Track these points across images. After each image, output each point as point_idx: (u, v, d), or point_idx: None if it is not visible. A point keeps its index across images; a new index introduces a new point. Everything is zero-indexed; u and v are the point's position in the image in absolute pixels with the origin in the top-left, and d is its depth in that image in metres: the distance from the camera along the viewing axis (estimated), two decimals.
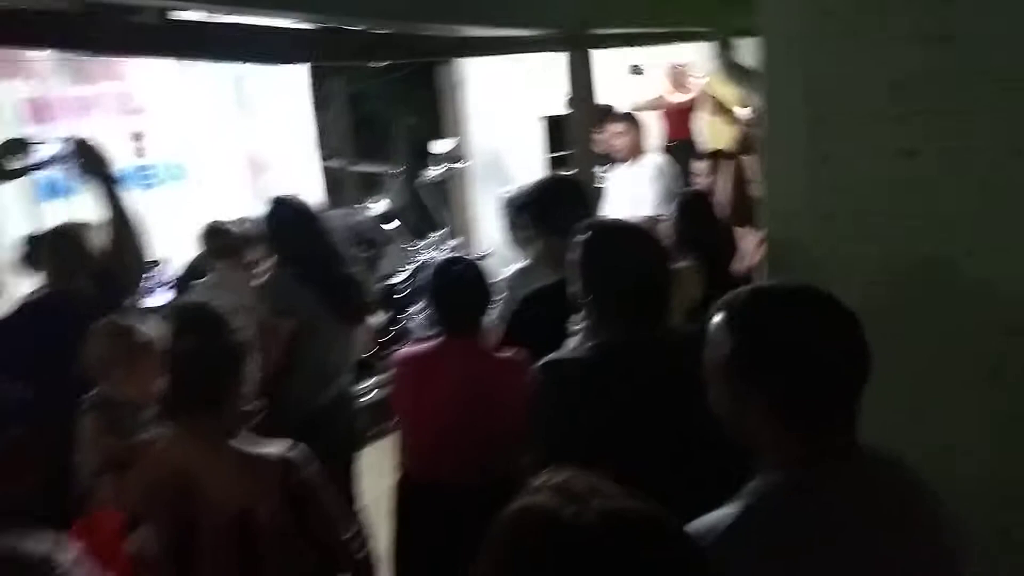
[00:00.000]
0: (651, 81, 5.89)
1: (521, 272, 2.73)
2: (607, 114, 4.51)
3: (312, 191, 5.37)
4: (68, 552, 1.01)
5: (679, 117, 5.80)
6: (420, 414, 2.14)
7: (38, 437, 1.80)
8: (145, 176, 4.34)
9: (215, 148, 4.68)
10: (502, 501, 1.67)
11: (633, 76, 5.84)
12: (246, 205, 4.37)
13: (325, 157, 7.00)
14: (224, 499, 1.54)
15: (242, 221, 3.38)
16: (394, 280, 4.60)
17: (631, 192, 4.34)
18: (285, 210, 2.63)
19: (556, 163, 6.17)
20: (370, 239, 4.64)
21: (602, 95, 4.91)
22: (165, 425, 1.70)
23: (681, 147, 5.46)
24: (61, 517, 1.57)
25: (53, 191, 3.95)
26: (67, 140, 2.20)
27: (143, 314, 2.31)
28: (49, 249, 2.27)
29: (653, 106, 5.83)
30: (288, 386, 2.38)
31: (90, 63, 4.03)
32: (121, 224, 2.12)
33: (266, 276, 2.63)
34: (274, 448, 1.65)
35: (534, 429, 1.75)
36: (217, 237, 2.80)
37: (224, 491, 1.55)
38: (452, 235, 5.02)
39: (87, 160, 2.13)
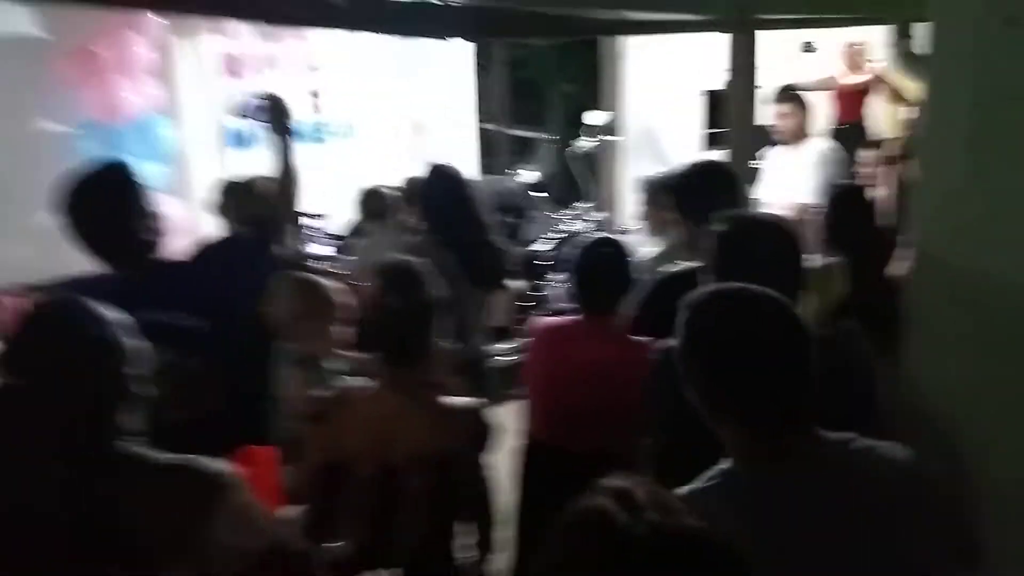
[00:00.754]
0: (824, 60, 5.59)
1: (659, 257, 2.74)
2: (779, 94, 4.35)
3: (467, 154, 5.58)
4: (235, 473, 1.19)
5: (851, 99, 5.47)
6: (549, 386, 2.23)
7: (212, 368, 1.98)
8: (318, 131, 4.67)
9: (381, 109, 4.94)
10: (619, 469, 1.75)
11: (804, 54, 5.57)
12: (406, 165, 4.62)
13: (482, 120, 7.21)
14: (424, 448, 1.66)
15: (399, 184, 3.58)
16: (537, 247, 4.70)
17: (790, 177, 4.19)
18: (437, 177, 2.76)
19: (715, 140, 6.01)
20: (517, 206, 4.76)
21: (769, 74, 4.75)
22: (363, 376, 1.84)
23: (851, 131, 5.17)
24: (225, 444, 1.70)
25: (238, 140, 4.36)
26: (263, 96, 2.40)
27: (303, 261, 2.53)
28: (233, 199, 2.52)
29: (824, 86, 5.53)
30: None
31: None
32: (289, 179, 2.27)
33: (412, 239, 2.79)
34: (465, 399, 1.78)
35: (649, 411, 1.81)
36: (372, 200, 2.99)
37: (425, 440, 1.67)
38: (598, 208, 5.04)
39: (275, 115, 2.32)
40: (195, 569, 1.09)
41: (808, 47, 5.56)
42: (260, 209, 2.35)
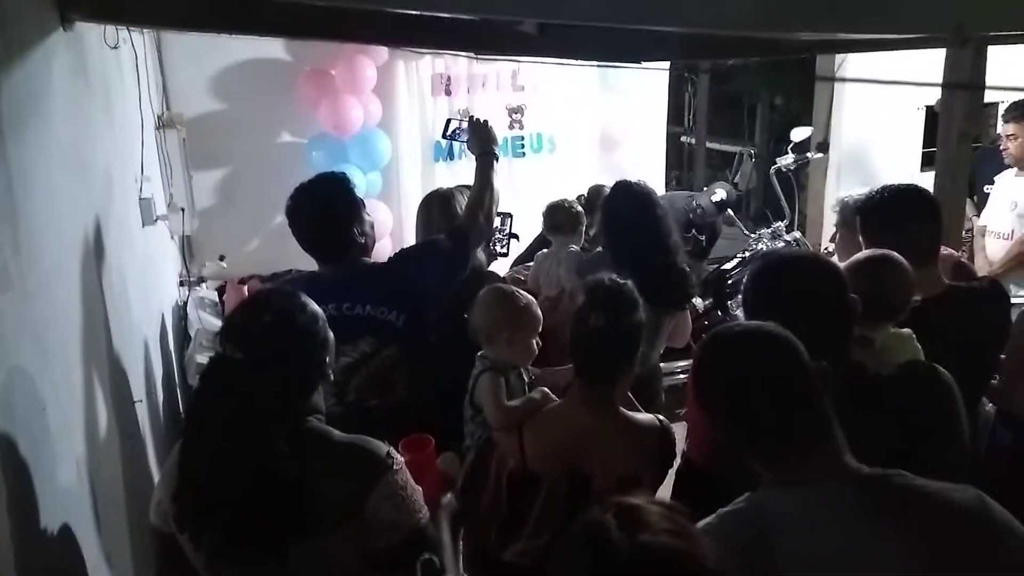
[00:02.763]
0: None
1: None
2: (1009, 112, 3.95)
3: (655, 167, 5.58)
4: (396, 457, 1.35)
5: None
6: None
7: (404, 360, 2.19)
8: (520, 146, 4.92)
9: (580, 124, 5.09)
10: None
11: None
12: (599, 177, 4.73)
13: (682, 132, 7.14)
14: (615, 462, 1.74)
15: (587, 196, 3.68)
16: (726, 265, 4.60)
17: (1015, 202, 3.79)
18: (623, 193, 2.79)
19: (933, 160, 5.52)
20: (706, 224, 4.68)
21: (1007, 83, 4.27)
22: (553, 385, 1.96)
23: None
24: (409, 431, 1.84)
25: (446, 154, 4.70)
26: (470, 119, 2.61)
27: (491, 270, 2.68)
28: (424, 209, 2.74)
29: None
30: None
31: None
32: (485, 193, 2.42)
33: (592, 255, 2.86)
34: (652, 417, 1.84)
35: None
36: (555, 213, 3.09)
37: (615, 454, 1.75)
38: (793, 227, 4.83)
39: (478, 138, 2.51)
40: (355, 536, 1.26)
41: None
42: (454, 221, 2.54)
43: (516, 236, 3.18)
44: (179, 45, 3.99)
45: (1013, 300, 3.74)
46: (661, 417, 1.87)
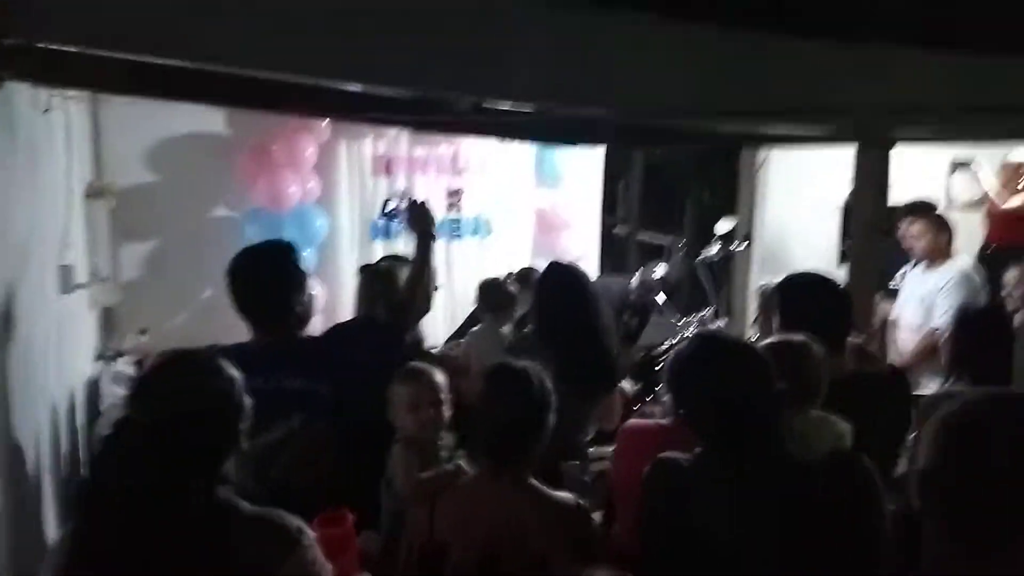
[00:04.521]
0: (979, 177, 5.34)
1: None
2: (913, 210, 4.22)
3: (592, 254, 5.72)
4: (308, 531, 1.30)
5: (1006, 222, 5.17)
6: (627, 487, 2.22)
7: (333, 436, 2.14)
8: (456, 228, 4.98)
9: (517, 207, 5.21)
10: None
11: (956, 172, 5.36)
12: (534, 261, 4.81)
13: (613, 223, 7.38)
14: (525, 539, 1.72)
15: (517, 276, 3.73)
16: (656, 351, 4.68)
17: (922, 296, 4.01)
18: (555, 274, 2.85)
19: (849, 255, 5.82)
20: (639, 305, 4.77)
21: (916, 187, 4.58)
22: (470, 462, 1.94)
23: (1002, 255, 4.86)
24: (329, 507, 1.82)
25: (383, 233, 4.72)
26: (409, 200, 2.62)
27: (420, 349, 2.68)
28: (367, 282, 2.74)
29: (978, 206, 5.27)
30: None
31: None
32: (422, 272, 2.45)
33: (520, 334, 2.89)
34: (568, 495, 1.82)
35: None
36: (488, 292, 3.13)
37: (524, 531, 1.72)
38: (719, 315, 4.98)
39: (416, 219, 2.53)
40: None
41: (958, 167, 5.35)
42: (396, 296, 2.55)
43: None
44: (115, 114, 3.95)
45: (923, 392, 3.91)
46: (580, 500, 1.86)
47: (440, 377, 2.21)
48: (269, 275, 2.17)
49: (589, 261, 5.60)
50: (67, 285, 2.78)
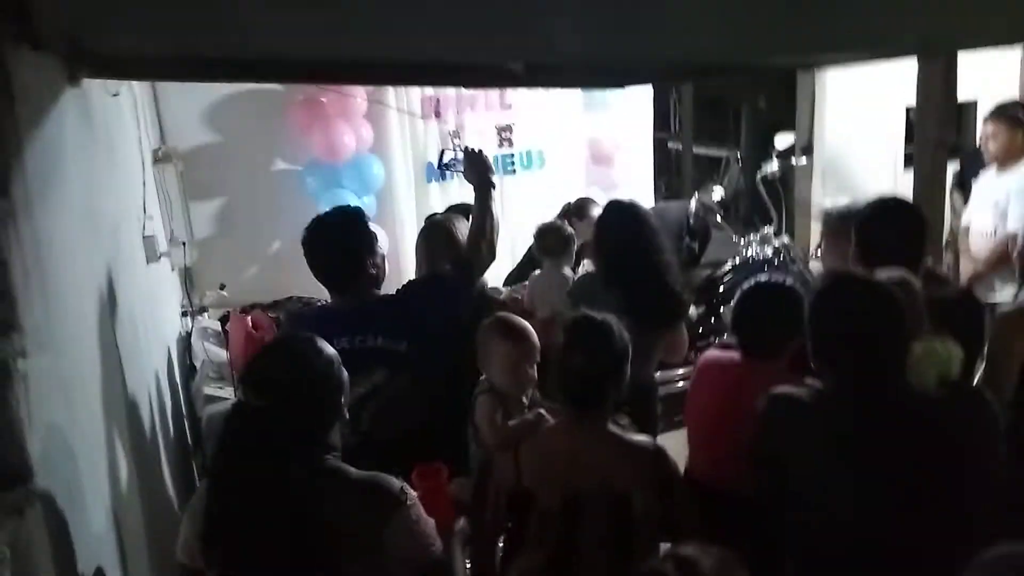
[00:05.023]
0: None
1: None
2: (993, 113, 4.05)
3: (647, 175, 5.67)
4: (411, 493, 1.43)
5: None
6: (703, 424, 2.31)
7: (416, 389, 2.26)
8: (510, 164, 5.00)
9: (568, 138, 5.17)
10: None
11: None
12: (589, 190, 4.81)
13: (669, 138, 7.23)
14: (606, 481, 1.81)
15: (574, 210, 3.74)
16: (717, 272, 4.69)
17: (996, 200, 3.90)
18: (614, 214, 2.86)
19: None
20: (699, 229, 4.75)
21: (987, 82, 4.37)
22: (550, 408, 2.02)
23: None
24: (422, 459, 1.94)
25: (439, 175, 4.77)
26: (465, 149, 2.64)
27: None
28: (425, 239, 2.81)
29: None
30: None
31: None
32: (485, 222, 2.48)
33: (580, 277, 2.93)
34: (645, 438, 1.90)
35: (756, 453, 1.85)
36: (546, 236, 3.16)
37: (606, 474, 1.81)
38: (781, 232, 4.93)
39: (474, 168, 2.55)
40: (375, 567, 1.33)
41: None
42: (455, 249, 2.62)
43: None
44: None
45: (997, 298, 3.83)
46: (657, 441, 1.94)
47: (532, 331, 2.24)
48: (342, 243, 2.25)
49: (643, 181, 5.56)
50: (153, 255, 2.94)
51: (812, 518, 1.72)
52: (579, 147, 5.27)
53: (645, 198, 5.28)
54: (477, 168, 2.56)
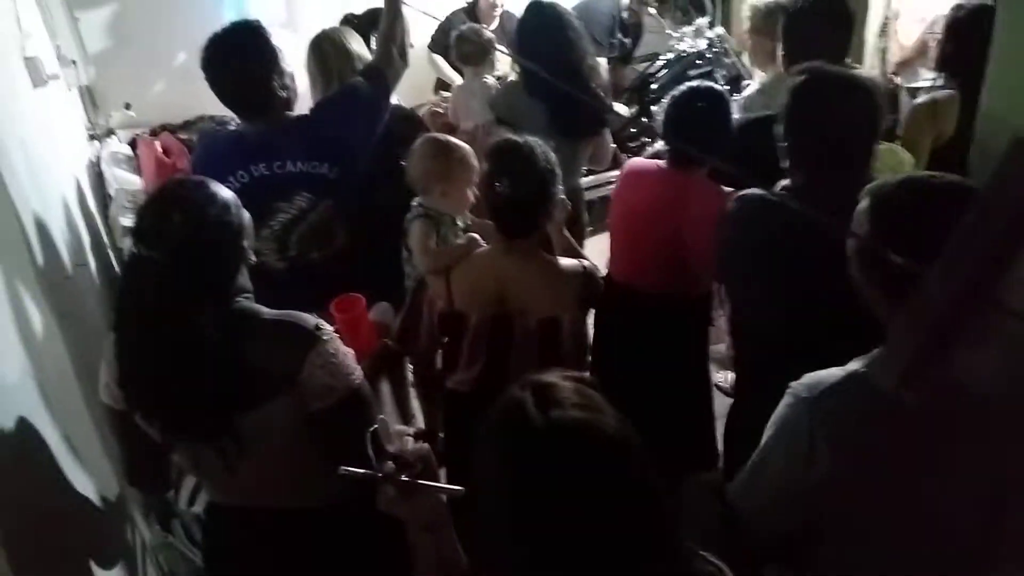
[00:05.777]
0: None
1: (759, 93, 2.66)
2: None
3: None
4: (325, 326, 1.44)
5: None
6: (625, 225, 2.36)
7: (341, 211, 2.21)
8: None
9: None
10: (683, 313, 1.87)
11: None
12: None
13: None
14: (535, 304, 1.85)
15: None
16: (651, 69, 4.56)
17: None
18: (534, 16, 2.71)
19: None
20: (631, 23, 4.56)
21: None
22: (482, 230, 2.01)
23: None
24: (352, 283, 1.95)
25: None
26: None
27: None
28: (315, 52, 2.60)
29: None
30: None
31: None
32: (396, 25, 2.32)
33: (502, 84, 2.81)
34: (575, 263, 1.92)
35: (716, 256, 1.91)
36: (464, 43, 2.99)
37: (535, 297, 1.85)
38: (715, 23, 4.75)
39: None
40: (294, 402, 1.38)
41: None
42: (338, 60, 2.45)
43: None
44: None
45: (919, 83, 3.84)
46: (586, 262, 1.97)
47: (461, 148, 2.18)
48: (245, 68, 2.08)
49: None
50: (39, 78, 2.70)
51: (765, 310, 1.74)
52: None
53: None
54: None
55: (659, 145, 2.71)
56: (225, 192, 1.40)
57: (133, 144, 3.66)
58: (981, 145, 1.99)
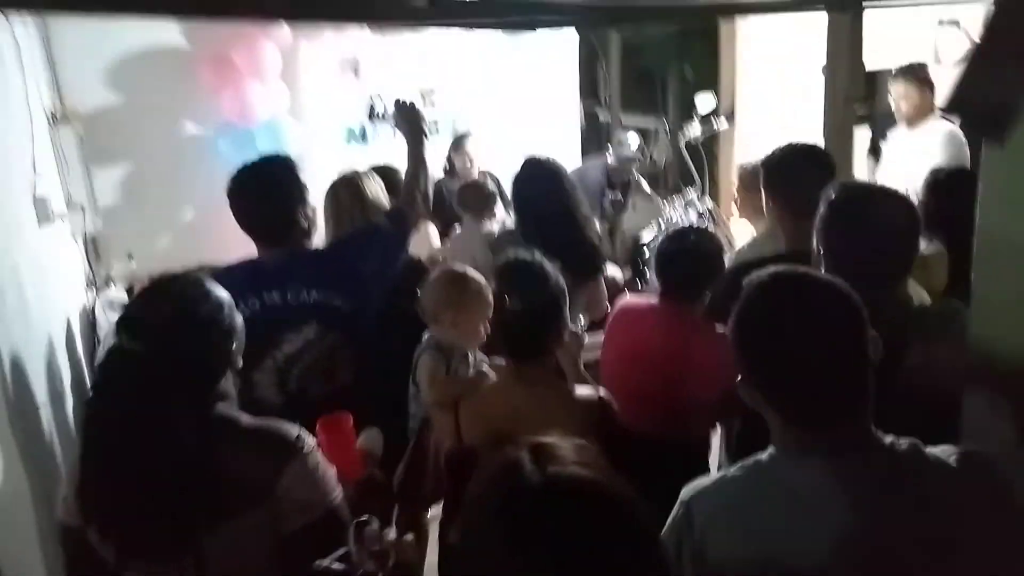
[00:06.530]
0: (967, 33, 5.21)
1: (749, 245, 2.72)
2: (901, 73, 4.14)
3: (574, 143, 5.62)
4: (310, 439, 1.35)
5: None
6: (619, 368, 2.30)
7: (348, 345, 2.18)
8: (433, 127, 4.87)
9: (492, 102, 5.08)
10: (687, 458, 1.77)
11: (943, 28, 5.22)
12: (513, 154, 4.73)
13: (597, 104, 7.21)
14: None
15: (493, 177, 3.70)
16: (644, 238, 4.71)
17: (907, 160, 4.00)
18: (531, 170, 2.84)
19: None
20: (619, 183, 4.71)
21: (903, 50, 4.45)
22: (494, 366, 1.95)
23: None
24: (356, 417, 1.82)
25: (360, 137, 4.63)
26: (396, 101, 2.54)
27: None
28: (332, 196, 2.68)
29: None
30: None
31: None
32: (418, 173, 2.44)
33: (502, 233, 2.89)
34: (589, 391, 1.84)
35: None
36: (466, 192, 3.12)
37: (551, 430, 1.74)
38: (704, 195, 4.98)
39: (405, 118, 2.49)
40: (267, 520, 1.26)
41: (947, 22, 5.20)
42: (353, 206, 2.53)
43: None
44: (68, 36, 3.80)
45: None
46: (602, 392, 1.88)
47: (476, 280, 2.16)
48: (272, 190, 2.13)
49: (571, 149, 5.51)
50: (45, 216, 2.75)
51: None
52: (504, 109, 5.18)
53: (574, 161, 5.24)
54: (408, 119, 2.48)
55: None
56: (220, 292, 1.36)
57: (130, 292, 3.66)
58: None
